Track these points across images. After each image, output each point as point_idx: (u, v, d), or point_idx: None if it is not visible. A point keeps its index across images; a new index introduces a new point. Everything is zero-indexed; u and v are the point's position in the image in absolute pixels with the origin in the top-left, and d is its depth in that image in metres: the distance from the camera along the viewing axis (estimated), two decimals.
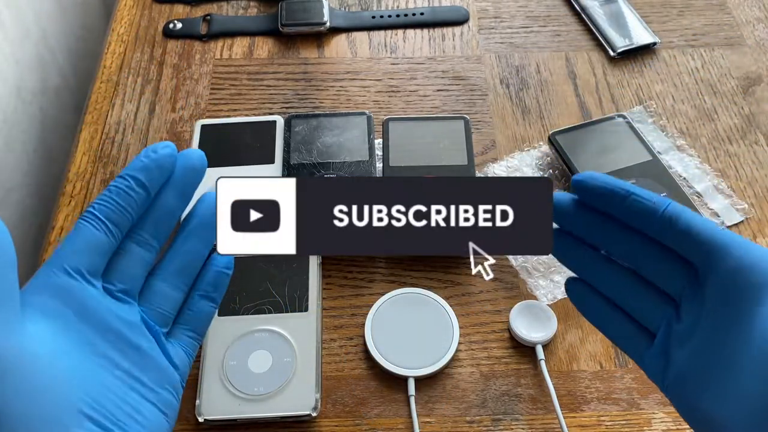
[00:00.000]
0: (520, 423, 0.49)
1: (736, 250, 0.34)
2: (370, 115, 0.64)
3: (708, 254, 0.34)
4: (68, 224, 0.59)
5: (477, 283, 0.56)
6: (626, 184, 0.36)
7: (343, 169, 0.60)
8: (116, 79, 0.70)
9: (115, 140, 0.65)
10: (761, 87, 0.68)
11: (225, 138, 0.62)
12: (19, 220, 0.69)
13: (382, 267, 0.57)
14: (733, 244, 0.34)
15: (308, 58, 0.71)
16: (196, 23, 0.74)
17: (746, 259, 0.33)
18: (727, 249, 0.34)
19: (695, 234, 0.34)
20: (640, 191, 0.36)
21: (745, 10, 0.74)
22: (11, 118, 0.68)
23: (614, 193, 0.36)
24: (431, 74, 0.70)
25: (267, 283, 0.54)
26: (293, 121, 0.63)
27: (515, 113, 0.66)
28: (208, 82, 0.69)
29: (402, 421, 0.50)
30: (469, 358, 0.52)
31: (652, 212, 0.35)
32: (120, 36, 0.73)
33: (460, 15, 0.74)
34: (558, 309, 0.54)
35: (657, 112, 0.66)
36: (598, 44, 0.71)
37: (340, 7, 0.75)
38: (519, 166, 0.62)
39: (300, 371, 0.50)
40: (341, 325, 0.54)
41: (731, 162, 0.63)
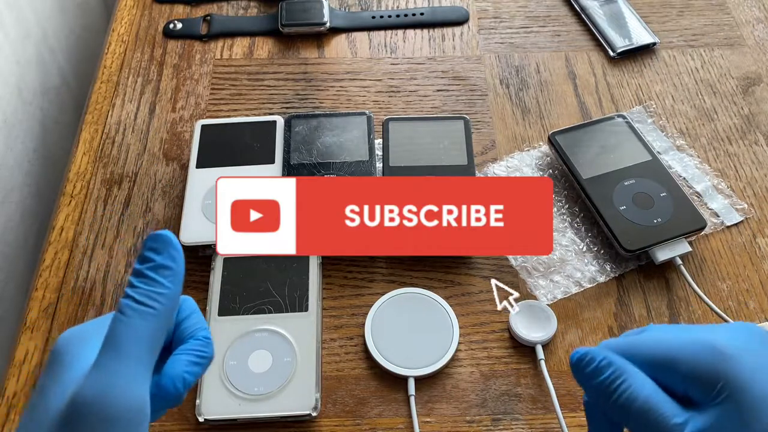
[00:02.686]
0: (520, 423, 0.49)
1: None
2: (370, 115, 0.64)
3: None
4: (68, 224, 0.60)
5: (477, 283, 0.56)
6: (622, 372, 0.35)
7: (343, 169, 0.60)
8: (116, 79, 0.70)
9: (115, 140, 0.65)
10: (761, 87, 0.68)
11: (225, 138, 0.62)
12: (19, 220, 0.69)
13: (382, 267, 0.57)
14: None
15: (308, 58, 0.71)
16: (197, 23, 0.74)
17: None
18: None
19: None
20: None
21: (744, 10, 0.74)
22: (12, 119, 0.68)
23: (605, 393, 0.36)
24: (431, 74, 0.70)
25: (267, 283, 0.54)
26: (293, 121, 0.63)
27: (515, 113, 0.66)
28: (208, 82, 0.69)
29: (402, 420, 0.50)
30: (469, 358, 0.52)
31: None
32: (120, 36, 0.73)
33: (460, 15, 0.74)
34: (558, 309, 0.54)
35: (657, 112, 0.66)
36: (598, 44, 0.72)
37: (340, 7, 0.75)
38: (519, 166, 0.62)
39: (300, 371, 0.50)
40: (341, 325, 0.54)
41: (731, 162, 0.63)
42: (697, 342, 0.35)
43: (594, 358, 0.36)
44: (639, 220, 0.56)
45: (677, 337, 0.36)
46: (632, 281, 0.56)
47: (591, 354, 0.36)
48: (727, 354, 0.34)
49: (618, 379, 0.35)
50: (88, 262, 0.57)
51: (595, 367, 0.36)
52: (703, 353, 0.34)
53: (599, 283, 0.56)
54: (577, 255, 0.57)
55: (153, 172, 0.63)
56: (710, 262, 0.57)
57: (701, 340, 0.35)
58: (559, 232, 0.58)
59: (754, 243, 0.58)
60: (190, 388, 0.36)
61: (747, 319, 0.54)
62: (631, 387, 0.35)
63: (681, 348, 0.35)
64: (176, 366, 0.36)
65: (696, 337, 0.35)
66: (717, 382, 0.33)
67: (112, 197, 0.61)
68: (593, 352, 0.36)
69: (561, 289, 0.55)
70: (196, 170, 0.60)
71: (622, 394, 0.35)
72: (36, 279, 0.57)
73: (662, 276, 0.56)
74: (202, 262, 0.57)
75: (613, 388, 0.35)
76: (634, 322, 0.54)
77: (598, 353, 0.36)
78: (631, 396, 0.35)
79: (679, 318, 0.54)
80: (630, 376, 0.35)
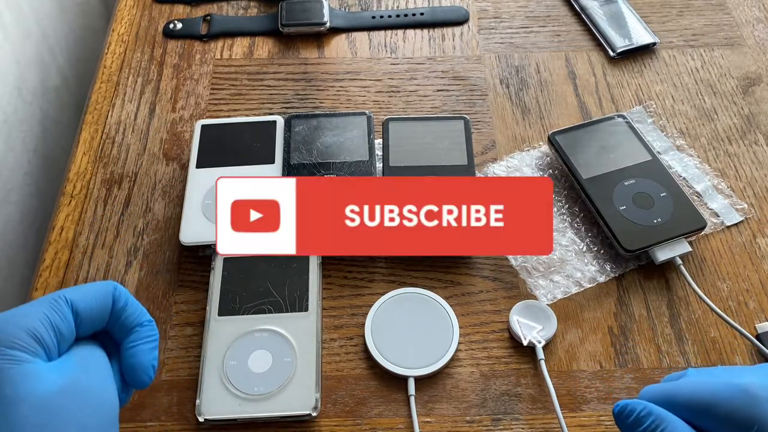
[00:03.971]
0: (520, 423, 0.49)
1: None
2: (370, 115, 0.64)
3: None
4: (68, 224, 0.60)
5: (477, 283, 0.56)
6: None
7: (343, 169, 0.60)
8: (116, 79, 0.70)
9: (115, 140, 0.65)
10: (761, 87, 0.68)
11: (225, 138, 0.62)
12: (19, 220, 0.69)
13: (382, 267, 0.57)
14: None
15: (308, 58, 0.71)
16: (197, 23, 0.74)
17: None
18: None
19: None
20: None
21: (744, 10, 0.74)
22: (12, 118, 0.68)
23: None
24: (431, 74, 0.70)
25: (267, 283, 0.54)
26: (293, 121, 0.63)
27: (515, 113, 0.66)
28: (208, 82, 0.69)
29: (402, 420, 0.50)
30: (469, 358, 0.52)
31: None
32: (120, 36, 0.73)
33: (460, 15, 0.74)
34: (558, 309, 0.54)
35: (657, 112, 0.66)
36: (598, 44, 0.72)
37: (340, 7, 0.75)
38: (519, 166, 0.62)
39: (300, 371, 0.50)
40: (341, 325, 0.54)
41: (731, 162, 0.63)
42: (731, 386, 0.37)
43: (634, 409, 0.39)
44: (639, 220, 0.56)
45: (712, 383, 0.38)
46: (632, 281, 0.56)
47: (631, 405, 0.39)
48: (760, 397, 0.36)
49: (658, 427, 0.38)
50: (88, 262, 0.57)
51: (636, 417, 0.39)
52: (737, 398, 0.37)
53: (599, 283, 0.56)
54: (577, 255, 0.57)
55: (153, 172, 0.63)
56: (710, 262, 0.57)
57: (734, 384, 0.37)
58: (559, 232, 0.58)
59: (754, 243, 0.58)
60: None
61: (747, 318, 0.54)
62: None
63: (716, 393, 0.37)
64: (141, 357, 0.39)
65: (730, 382, 0.38)
66: (752, 425, 0.36)
67: (112, 197, 0.61)
68: (633, 404, 0.39)
69: (561, 289, 0.55)
70: (196, 170, 0.60)
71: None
72: (36, 279, 0.57)
73: (662, 276, 0.56)
74: (202, 262, 0.57)
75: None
76: (634, 322, 0.54)
77: (638, 404, 0.39)
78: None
79: (679, 318, 0.54)
80: (669, 423, 0.38)
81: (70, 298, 0.37)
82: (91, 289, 0.39)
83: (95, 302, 0.38)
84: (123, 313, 0.39)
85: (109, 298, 0.39)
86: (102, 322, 0.39)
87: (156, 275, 0.57)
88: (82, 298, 0.38)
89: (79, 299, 0.38)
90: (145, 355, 0.39)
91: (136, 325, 0.40)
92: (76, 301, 0.38)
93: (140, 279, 0.57)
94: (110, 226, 0.59)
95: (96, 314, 0.38)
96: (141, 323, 0.40)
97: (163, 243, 0.58)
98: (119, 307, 0.39)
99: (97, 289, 0.39)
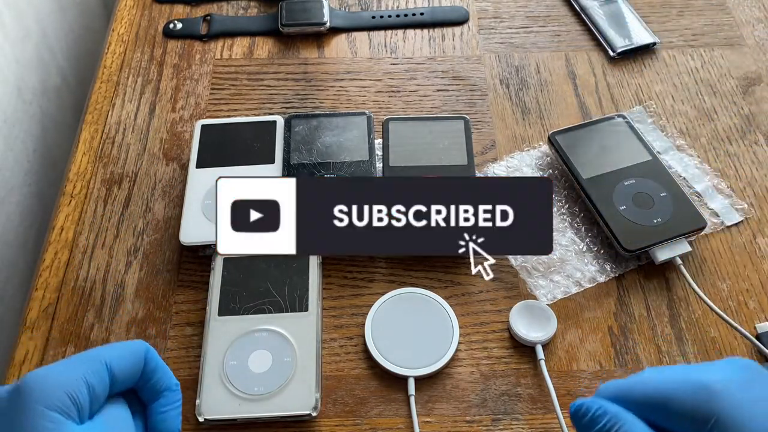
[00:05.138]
0: (520, 423, 0.49)
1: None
2: (370, 115, 0.64)
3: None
4: (68, 224, 0.60)
5: (477, 283, 0.56)
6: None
7: (343, 169, 0.60)
8: (116, 79, 0.70)
9: (115, 140, 0.65)
10: (761, 87, 0.68)
11: (225, 138, 0.62)
12: (19, 220, 0.69)
13: (382, 267, 0.57)
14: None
15: (308, 58, 0.71)
16: (196, 23, 0.74)
17: None
18: None
19: None
20: None
21: (744, 10, 0.74)
22: (11, 118, 0.68)
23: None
24: (431, 74, 0.70)
25: (267, 283, 0.54)
26: (293, 121, 0.63)
27: (515, 113, 0.66)
28: (208, 82, 0.69)
29: (402, 420, 0.50)
30: (469, 358, 0.52)
31: None
32: (120, 36, 0.73)
33: (460, 15, 0.74)
34: (558, 309, 0.54)
35: (657, 112, 0.66)
36: (598, 44, 0.72)
37: (340, 7, 0.75)
38: (519, 166, 0.62)
39: (300, 371, 0.50)
40: (341, 325, 0.54)
41: (731, 162, 0.63)
42: (688, 381, 0.37)
43: (590, 408, 0.38)
44: (639, 220, 0.56)
45: (670, 378, 0.38)
46: (632, 281, 0.56)
47: (587, 404, 0.39)
48: (717, 391, 0.36)
49: (614, 426, 0.37)
50: (88, 262, 0.57)
51: (591, 417, 0.38)
52: (694, 392, 0.36)
53: (599, 283, 0.56)
54: (577, 255, 0.57)
55: (153, 172, 0.63)
56: (710, 262, 0.57)
57: (692, 379, 0.37)
58: (559, 232, 0.58)
59: (754, 243, 0.58)
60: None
61: (747, 318, 0.54)
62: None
63: (673, 388, 0.37)
64: (170, 423, 0.41)
65: (687, 377, 0.37)
66: (709, 419, 0.35)
67: (112, 197, 0.61)
68: (588, 403, 0.39)
69: (561, 289, 0.55)
70: (196, 170, 0.60)
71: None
72: (36, 279, 0.57)
73: (662, 276, 0.56)
74: (202, 262, 0.57)
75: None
76: (634, 321, 0.54)
77: (593, 403, 0.38)
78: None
79: (679, 318, 0.54)
80: (626, 422, 0.37)
81: (108, 360, 0.39)
82: (126, 350, 0.40)
83: (129, 364, 0.40)
84: (153, 375, 0.41)
85: (141, 359, 0.40)
86: (132, 382, 0.41)
87: (156, 275, 0.57)
88: (118, 360, 0.39)
89: (115, 361, 0.39)
90: (173, 421, 0.41)
91: (164, 389, 0.41)
92: (113, 363, 0.39)
93: (140, 279, 0.57)
94: (110, 226, 0.60)
95: (128, 375, 0.40)
96: (169, 387, 0.42)
97: (163, 243, 0.58)
98: (150, 368, 0.41)
99: (131, 349, 0.40)
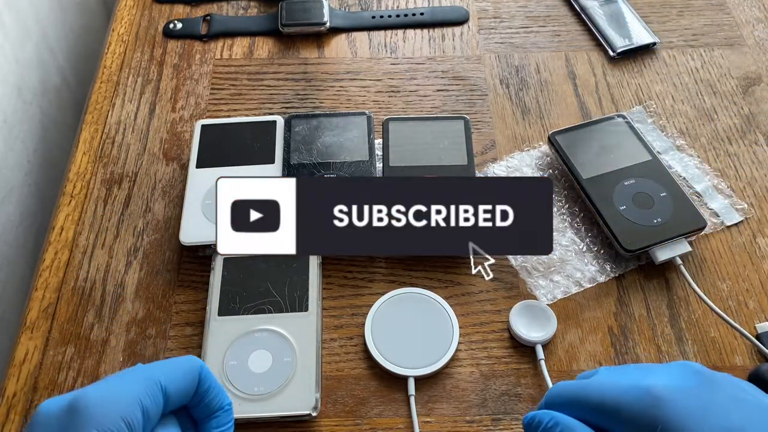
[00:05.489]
0: (520, 423, 0.49)
1: None
2: (370, 115, 0.64)
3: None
4: (68, 224, 0.60)
5: (477, 283, 0.56)
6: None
7: (343, 169, 0.60)
8: (116, 79, 0.70)
9: (115, 140, 0.65)
10: (761, 87, 0.68)
11: (225, 138, 0.62)
12: (19, 220, 0.69)
13: (382, 267, 0.57)
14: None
15: (308, 58, 0.71)
16: (196, 23, 0.74)
17: None
18: None
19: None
20: None
21: (744, 10, 0.74)
22: (11, 118, 0.68)
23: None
24: (431, 74, 0.70)
25: (267, 283, 0.54)
26: (293, 121, 0.63)
27: (515, 113, 0.66)
28: (208, 82, 0.69)
29: (402, 420, 0.50)
30: (469, 358, 0.52)
31: None
32: (120, 36, 0.73)
33: (460, 15, 0.74)
34: (558, 309, 0.54)
35: (657, 112, 0.66)
36: (598, 44, 0.72)
37: (340, 7, 0.75)
38: (519, 166, 0.62)
39: (300, 371, 0.50)
40: (341, 325, 0.54)
41: (731, 162, 0.63)
42: (636, 388, 0.37)
43: (541, 421, 0.39)
44: (639, 220, 0.56)
45: (619, 384, 0.38)
46: (632, 281, 0.56)
47: (539, 417, 0.40)
48: (662, 398, 0.36)
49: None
50: (88, 262, 0.57)
51: (543, 429, 0.39)
52: (641, 399, 0.36)
53: (599, 283, 0.56)
54: (577, 255, 0.57)
55: (153, 172, 0.63)
56: (710, 262, 0.57)
57: (639, 386, 0.37)
58: (559, 232, 0.58)
59: (754, 243, 0.58)
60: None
61: (747, 318, 0.54)
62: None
63: (621, 395, 0.37)
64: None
65: (634, 384, 0.37)
66: (654, 427, 0.35)
67: (112, 197, 0.61)
68: (540, 415, 0.40)
69: (561, 289, 0.55)
70: (196, 170, 0.60)
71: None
72: (36, 279, 0.57)
73: (662, 276, 0.56)
74: (202, 262, 0.57)
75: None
76: (634, 321, 0.54)
77: (545, 416, 0.39)
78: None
79: (679, 318, 0.54)
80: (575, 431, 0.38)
81: (163, 381, 0.38)
82: (180, 369, 0.39)
83: (184, 384, 0.39)
84: (207, 395, 0.40)
85: (195, 378, 0.40)
86: (186, 401, 0.40)
87: (156, 275, 0.57)
88: (173, 380, 0.38)
89: (170, 382, 0.38)
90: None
91: (218, 409, 0.41)
92: (168, 384, 0.38)
93: (140, 279, 0.57)
94: (110, 226, 0.60)
95: (182, 395, 0.39)
96: (222, 407, 0.41)
97: (163, 243, 0.58)
98: (203, 388, 0.40)
99: (185, 368, 0.39)
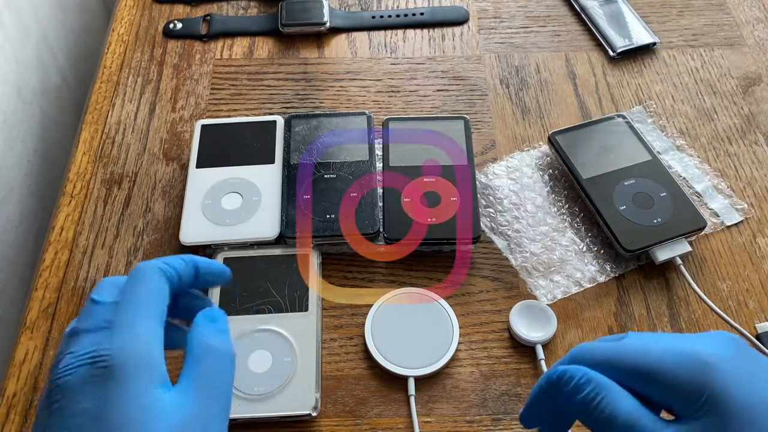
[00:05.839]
0: None
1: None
2: (370, 115, 0.64)
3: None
4: (68, 224, 0.60)
5: (477, 283, 0.56)
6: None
7: (343, 169, 0.60)
8: (116, 79, 0.70)
9: (115, 140, 0.65)
10: (761, 87, 0.68)
11: (225, 138, 0.62)
12: (19, 220, 0.69)
13: (382, 267, 0.57)
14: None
15: (308, 58, 0.71)
16: (196, 23, 0.74)
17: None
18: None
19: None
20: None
21: (744, 10, 0.74)
22: (11, 118, 0.68)
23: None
24: (431, 74, 0.70)
25: (267, 283, 0.54)
26: (293, 121, 0.63)
27: (515, 113, 0.66)
28: (208, 82, 0.69)
29: (402, 420, 0.50)
30: (469, 358, 0.52)
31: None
32: (120, 36, 0.73)
33: (460, 15, 0.74)
34: (558, 309, 0.54)
35: (657, 112, 0.66)
36: (598, 44, 0.72)
37: (340, 7, 0.75)
38: (519, 166, 0.62)
39: (300, 371, 0.50)
40: (341, 325, 0.54)
41: (731, 162, 0.63)
42: (681, 352, 0.34)
43: (573, 376, 0.36)
44: (639, 220, 0.56)
45: (659, 347, 0.35)
46: (632, 281, 0.56)
47: (570, 372, 0.36)
48: (712, 364, 0.33)
49: (599, 395, 0.35)
50: (88, 262, 0.57)
51: (575, 385, 0.35)
52: (687, 364, 0.34)
53: (599, 283, 0.56)
54: (577, 255, 0.57)
55: (153, 172, 0.63)
56: (710, 262, 0.57)
57: (685, 350, 0.34)
58: (559, 232, 0.58)
59: (754, 243, 0.58)
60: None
61: (747, 318, 0.54)
62: (612, 403, 0.34)
63: (664, 358, 0.34)
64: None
65: (679, 347, 0.35)
66: (701, 394, 0.33)
67: (112, 197, 0.61)
68: (572, 370, 0.36)
69: (561, 289, 0.55)
70: (196, 170, 0.60)
71: (603, 410, 0.34)
72: (36, 279, 0.57)
73: (662, 276, 0.56)
74: None
75: (594, 405, 0.35)
76: (634, 321, 0.54)
77: (577, 371, 0.36)
78: (613, 412, 0.34)
79: (679, 318, 0.54)
80: (610, 392, 0.35)
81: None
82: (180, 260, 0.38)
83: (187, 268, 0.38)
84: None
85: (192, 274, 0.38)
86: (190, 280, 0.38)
87: None
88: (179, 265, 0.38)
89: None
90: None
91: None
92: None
93: None
94: (110, 226, 0.59)
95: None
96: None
97: (163, 243, 0.58)
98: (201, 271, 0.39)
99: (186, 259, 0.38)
